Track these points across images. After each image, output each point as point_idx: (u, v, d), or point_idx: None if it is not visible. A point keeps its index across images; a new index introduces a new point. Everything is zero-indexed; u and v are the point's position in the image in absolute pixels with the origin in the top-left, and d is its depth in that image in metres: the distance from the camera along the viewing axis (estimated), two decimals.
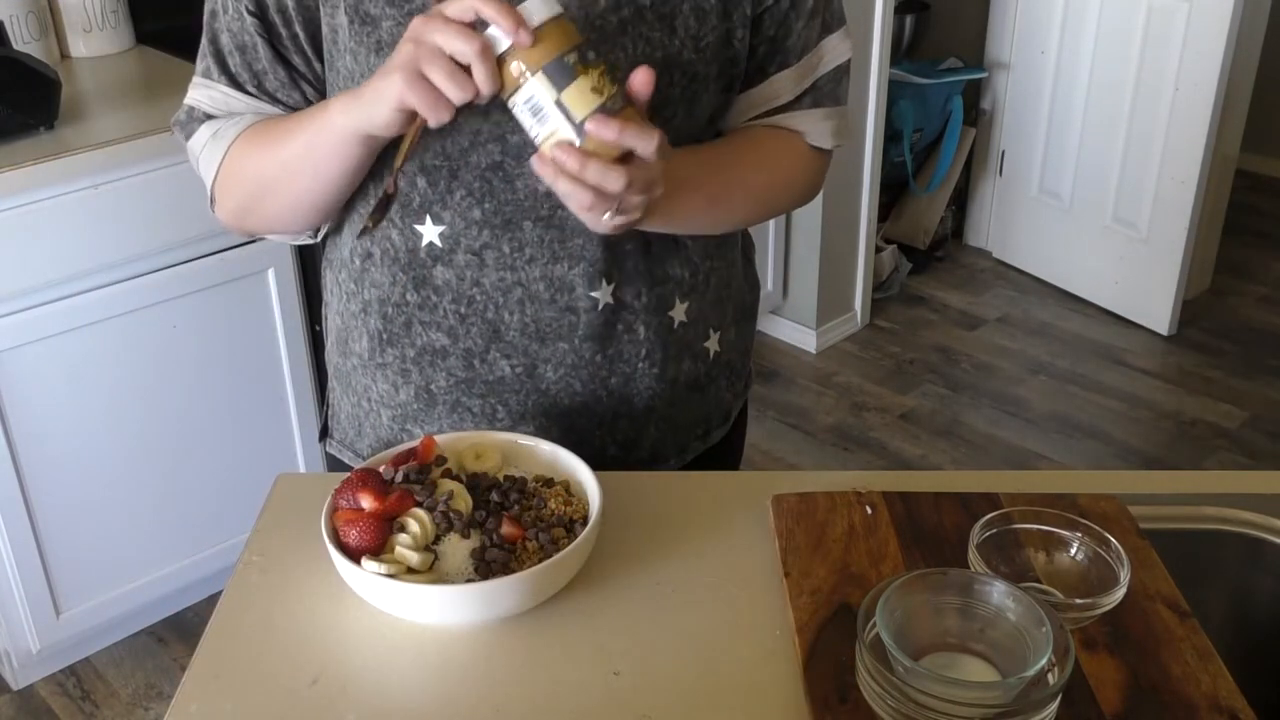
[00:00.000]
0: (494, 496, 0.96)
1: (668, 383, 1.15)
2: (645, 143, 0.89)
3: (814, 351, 3.34)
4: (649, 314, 1.11)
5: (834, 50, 1.12)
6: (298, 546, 1.00)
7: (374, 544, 0.90)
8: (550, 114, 0.89)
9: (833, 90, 1.13)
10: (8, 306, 1.90)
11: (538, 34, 0.87)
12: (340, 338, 1.18)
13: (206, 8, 1.07)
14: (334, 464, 1.26)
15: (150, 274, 2.03)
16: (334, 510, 0.94)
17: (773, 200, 1.17)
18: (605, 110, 0.88)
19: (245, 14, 1.04)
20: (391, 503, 0.92)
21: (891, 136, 3.50)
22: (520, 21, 0.86)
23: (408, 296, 1.09)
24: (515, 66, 0.88)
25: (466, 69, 0.87)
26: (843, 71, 1.14)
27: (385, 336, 1.12)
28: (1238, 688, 0.83)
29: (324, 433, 1.27)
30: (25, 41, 2.20)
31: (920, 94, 3.56)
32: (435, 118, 0.90)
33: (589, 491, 0.98)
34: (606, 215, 0.91)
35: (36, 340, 1.94)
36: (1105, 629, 0.88)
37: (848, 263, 3.34)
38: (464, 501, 0.94)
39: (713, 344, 1.18)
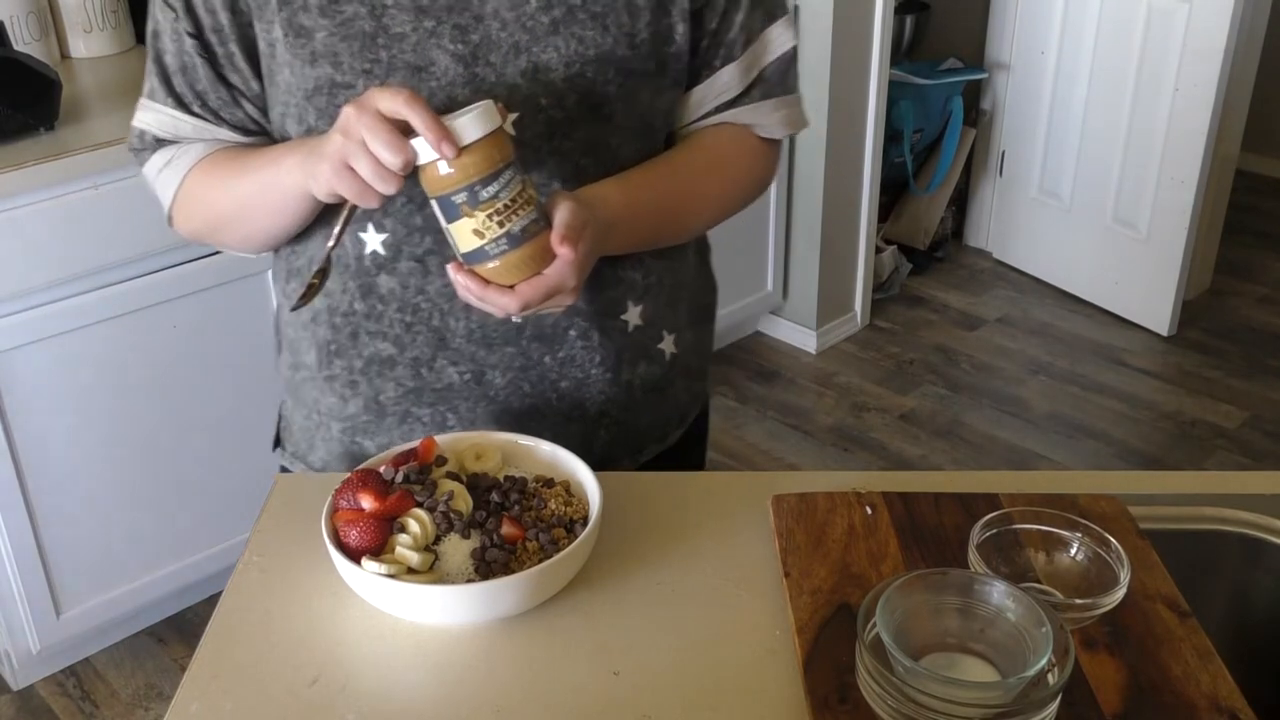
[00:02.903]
0: (494, 497, 0.96)
1: (622, 387, 1.14)
2: (500, 305, 0.94)
3: (814, 352, 3.34)
4: (601, 318, 1.10)
5: (778, 39, 1.12)
6: (298, 546, 1.00)
7: (374, 544, 0.91)
8: (446, 232, 0.95)
9: (781, 79, 1.14)
10: (8, 306, 1.90)
11: (459, 154, 0.90)
12: (291, 349, 1.17)
13: (149, 27, 1.08)
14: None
15: (150, 274, 2.03)
16: (334, 510, 0.94)
17: (728, 204, 1.18)
18: (482, 253, 0.93)
19: (184, 35, 1.04)
20: (392, 503, 0.92)
21: (891, 137, 3.50)
22: (444, 137, 0.89)
23: (355, 305, 1.09)
24: (427, 175, 0.92)
25: None
26: (789, 60, 1.14)
27: (333, 347, 1.11)
28: (1238, 688, 0.83)
29: (277, 442, 1.27)
30: (25, 41, 2.20)
31: (920, 94, 3.56)
32: (364, 204, 0.94)
33: (589, 491, 0.98)
34: (516, 319, 0.99)
35: (36, 340, 1.94)
36: (1105, 629, 0.88)
37: (848, 263, 3.34)
38: (464, 502, 0.94)
39: (668, 346, 1.17)
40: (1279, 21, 3.60)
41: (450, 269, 0.95)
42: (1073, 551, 0.92)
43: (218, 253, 2.09)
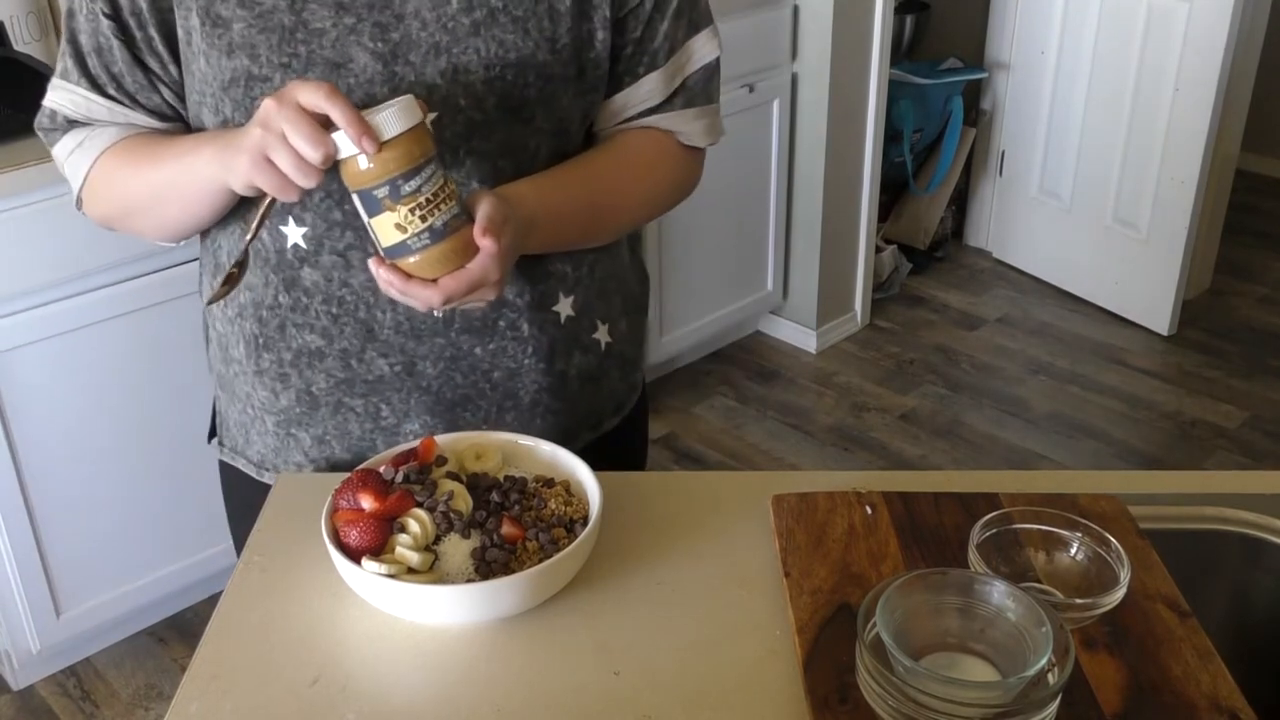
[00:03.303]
0: (494, 496, 0.96)
1: (556, 376, 1.14)
2: (424, 299, 0.94)
3: (814, 351, 3.34)
4: (532, 310, 1.11)
5: (702, 49, 1.12)
6: (298, 546, 1.00)
7: (374, 544, 0.91)
8: (368, 226, 0.94)
9: (704, 89, 1.14)
10: (8, 307, 1.90)
11: (381, 149, 0.90)
12: (220, 344, 1.17)
13: (64, 7, 1.07)
14: (226, 470, 1.24)
15: (150, 274, 2.03)
16: (334, 510, 0.94)
17: (650, 207, 1.18)
18: (404, 248, 0.93)
19: (100, 15, 1.03)
20: (392, 503, 0.92)
21: (891, 136, 3.50)
22: (365, 132, 0.89)
23: (280, 298, 1.08)
24: (348, 169, 0.92)
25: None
26: (712, 70, 1.14)
27: (261, 341, 1.11)
28: (1238, 688, 0.83)
29: (212, 433, 1.26)
30: (25, 41, 2.20)
31: (920, 94, 3.56)
32: (284, 198, 0.93)
33: (589, 491, 0.98)
34: (437, 313, 0.99)
35: (37, 340, 1.94)
36: (1105, 629, 0.88)
37: (848, 263, 3.34)
38: (464, 501, 0.94)
39: (602, 335, 1.18)
40: (1279, 21, 3.60)
41: (371, 263, 0.95)
42: (1073, 551, 0.92)
43: None
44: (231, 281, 1.03)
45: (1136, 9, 3.19)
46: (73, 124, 1.09)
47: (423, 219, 0.92)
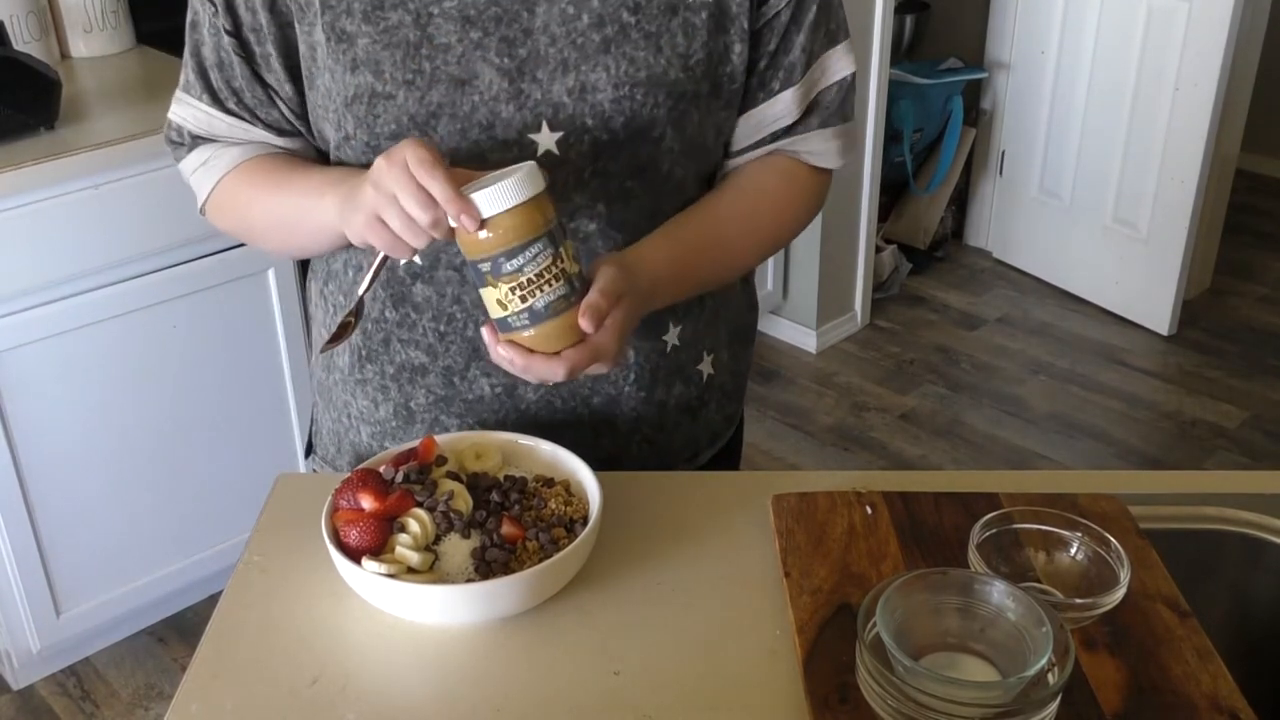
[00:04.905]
0: (494, 496, 0.96)
1: (656, 405, 1.13)
2: (545, 373, 0.92)
3: (814, 351, 3.34)
4: (639, 338, 1.09)
5: (838, 64, 1.09)
6: (298, 546, 1.00)
7: (374, 544, 0.91)
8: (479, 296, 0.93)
9: (839, 107, 1.10)
10: (8, 306, 1.91)
11: (484, 225, 0.89)
12: (326, 353, 1.17)
13: (187, 18, 1.06)
14: None
15: (150, 274, 2.03)
16: (334, 510, 0.94)
17: (778, 242, 1.16)
18: (505, 324, 0.92)
19: (222, 31, 1.03)
20: (392, 503, 0.92)
21: (891, 136, 3.50)
22: (464, 209, 0.88)
23: (386, 314, 1.08)
24: (458, 235, 0.91)
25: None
26: (847, 86, 1.10)
27: (364, 353, 1.11)
28: (1238, 688, 0.83)
29: (309, 450, 1.27)
30: (25, 41, 2.20)
31: (920, 94, 3.56)
32: (396, 255, 0.93)
33: (589, 491, 0.98)
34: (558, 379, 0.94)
35: (36, 340, 1.94)
36: (1105, 629, 0.88)
37: (848, 263, 3.34)
38: (464, 501, 0.94)
39: (706, 367, 1.16)
40: (1279, 21, 3.60)
41: (485, 332, 0.94)
42: (1073, 551, 0.92)
43: (217, 252, 2.09)
44: (345, 332, 1.02)
45: (1136, 9, 3.19)
46: (197, 139, 1.10)
47: (522, 299, 0.90)
